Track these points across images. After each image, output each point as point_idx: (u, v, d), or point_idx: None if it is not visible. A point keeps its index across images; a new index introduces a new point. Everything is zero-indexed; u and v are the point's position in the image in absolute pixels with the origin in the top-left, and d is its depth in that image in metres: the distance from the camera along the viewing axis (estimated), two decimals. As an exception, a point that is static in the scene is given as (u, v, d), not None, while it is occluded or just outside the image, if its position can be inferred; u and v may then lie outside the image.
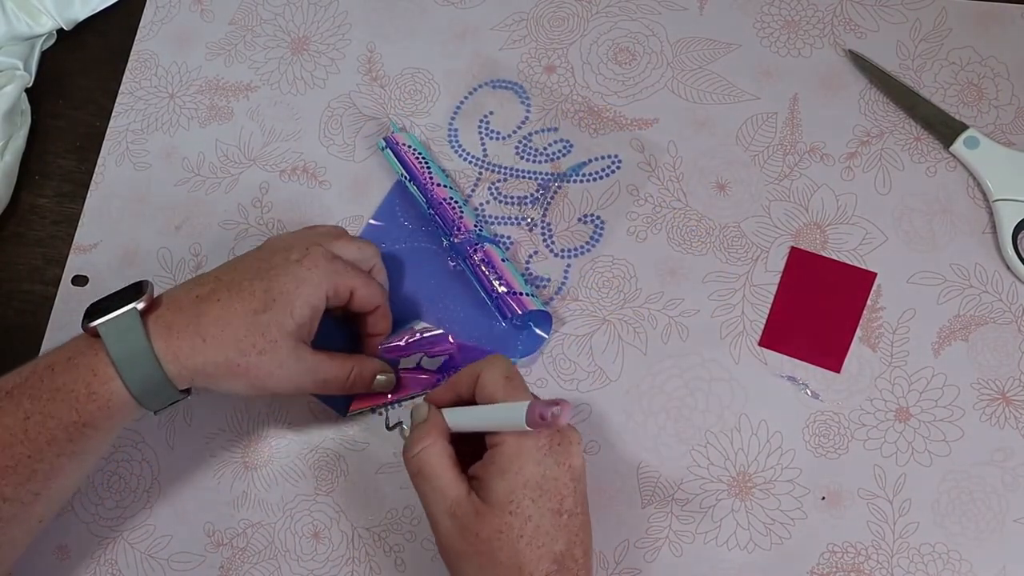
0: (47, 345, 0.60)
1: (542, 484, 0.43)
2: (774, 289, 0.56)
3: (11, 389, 0.45)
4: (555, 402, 0.40)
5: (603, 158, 0.60)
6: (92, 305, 0.47)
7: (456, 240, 0.57)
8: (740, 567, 0.52)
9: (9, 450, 0.44)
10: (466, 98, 0.63)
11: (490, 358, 0.46)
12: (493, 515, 0.42)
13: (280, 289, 0.46)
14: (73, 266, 0.62)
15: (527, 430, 0.42)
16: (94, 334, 0.45)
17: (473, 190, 0.60)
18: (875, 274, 0.56)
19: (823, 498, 0.52)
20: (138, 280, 0.48)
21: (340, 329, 0.57)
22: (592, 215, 0.58)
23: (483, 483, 0.44)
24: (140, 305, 0.45)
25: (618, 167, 0.59)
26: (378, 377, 0.54)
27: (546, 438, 0.44)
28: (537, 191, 0.60)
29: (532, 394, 0.45)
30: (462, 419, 0.46)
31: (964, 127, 0.57)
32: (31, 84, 0.66)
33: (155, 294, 0.48)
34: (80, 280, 0.62)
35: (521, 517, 0.42)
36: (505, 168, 0.61)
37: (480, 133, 0.62)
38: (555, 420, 0.40)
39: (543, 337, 0.56)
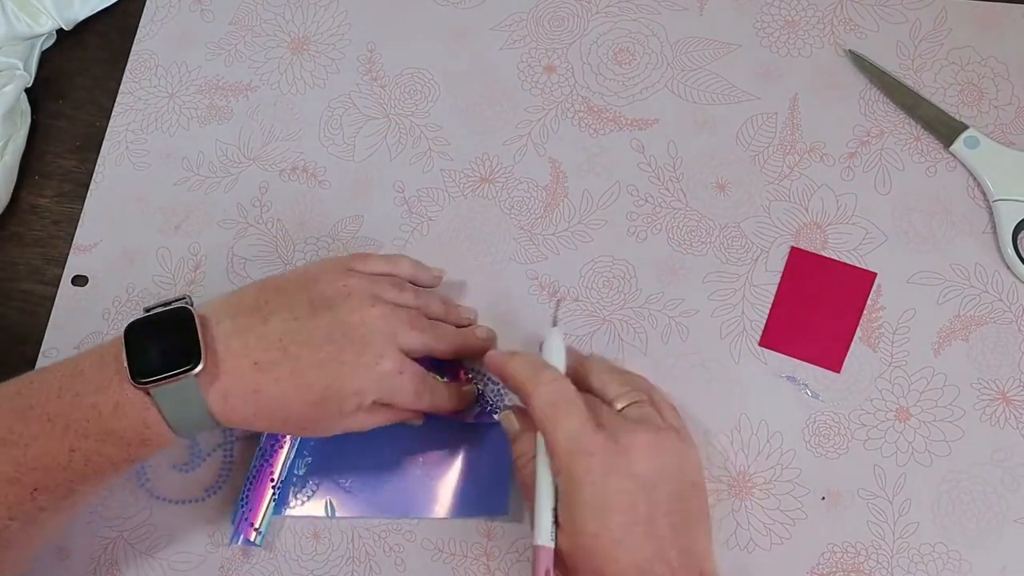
0: (47, 345, 0.60)
1: (602, 504, 0.43)
2: (774, 289, 0.56)
3: (52, 416, 0.44)
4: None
5: None
6: (134, 327, 0.45)
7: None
8: (740, 567, 0.52)
9: (52, 473, 0.44)
10: None
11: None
12: (575, 543, 0.43)
13: (339, 390, 0.46)
14: (73, 266, 0.62)
15: (583, 450, 0.44)
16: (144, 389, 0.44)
17: None
18: (875, 274, 0.56)
19: (823, 498, 0.52)
20: (180, 303, 0.46)
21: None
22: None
23: (559, 514, 0.45)
24: (198, 369, 0.43)
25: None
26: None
27: (600, 452, 0.43)
28: None
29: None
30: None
31: (964, 127, 0.57)
32: (31, 84, 0.66)
33: (193, 305, 0.46)
34: (80, 280, 0.62)
35: (589, 536, 0.43)
36: None
37: None
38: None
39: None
